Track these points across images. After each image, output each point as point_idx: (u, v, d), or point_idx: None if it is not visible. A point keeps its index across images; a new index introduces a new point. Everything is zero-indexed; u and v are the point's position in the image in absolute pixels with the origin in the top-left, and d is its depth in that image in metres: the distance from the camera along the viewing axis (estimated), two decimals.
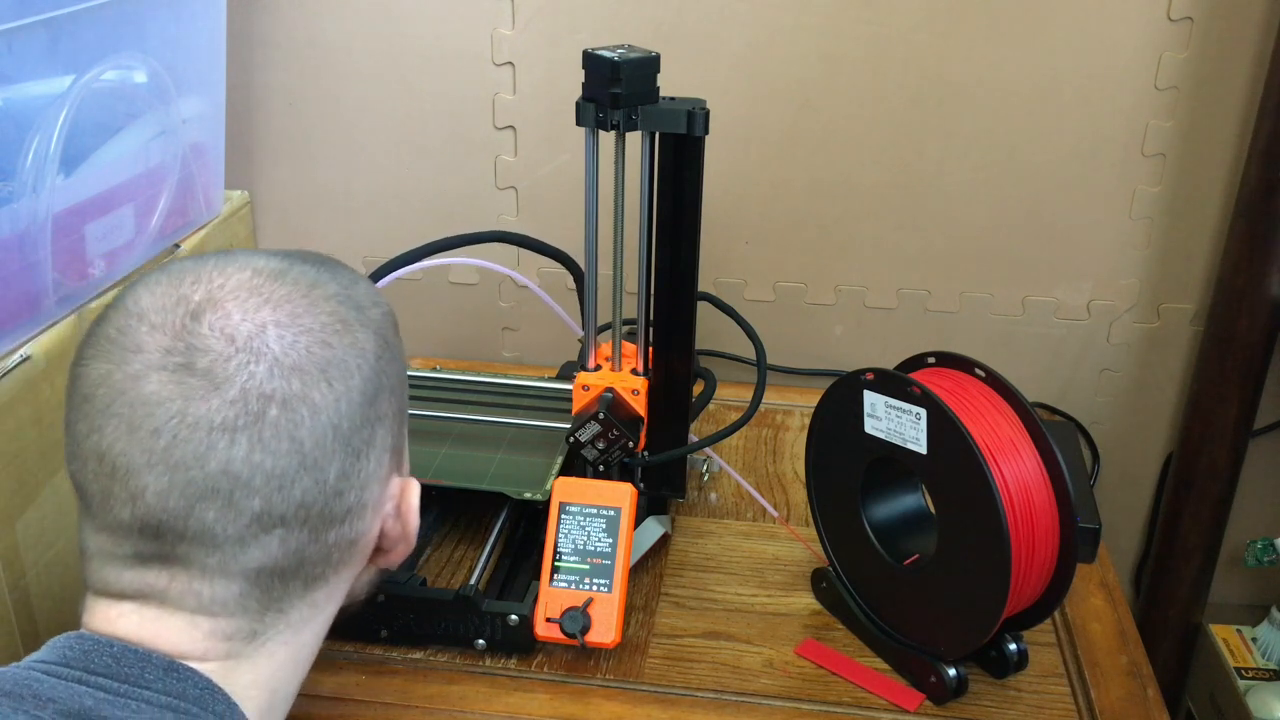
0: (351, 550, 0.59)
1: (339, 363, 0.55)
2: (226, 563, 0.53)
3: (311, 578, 0.57)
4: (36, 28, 0.83)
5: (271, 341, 0.53)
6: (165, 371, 0.52)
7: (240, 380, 0.52)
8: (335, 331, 0.56)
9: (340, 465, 0.55)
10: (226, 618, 0.55)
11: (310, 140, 1.21)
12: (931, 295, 1.21)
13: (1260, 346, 1.09)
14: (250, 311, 0.54)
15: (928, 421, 0.76)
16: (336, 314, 0.56)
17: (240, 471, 0.52)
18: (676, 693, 0.81)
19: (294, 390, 0.53)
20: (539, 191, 1.20)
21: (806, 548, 0.96)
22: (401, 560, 0.65)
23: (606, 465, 0.88)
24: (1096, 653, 0.87)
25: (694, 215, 0.84)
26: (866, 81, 1.12)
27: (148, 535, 0.52)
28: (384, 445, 0.59)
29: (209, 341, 0.52)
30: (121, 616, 0.54)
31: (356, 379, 0.56)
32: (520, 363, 1.29)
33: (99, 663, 0.52)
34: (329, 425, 0.54)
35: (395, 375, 0.60)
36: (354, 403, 0.55)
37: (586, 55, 0.79)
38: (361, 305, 0.58)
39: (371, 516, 0.59)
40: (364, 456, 0.57)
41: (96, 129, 0.94)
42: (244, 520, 0.53)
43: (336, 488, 0.55)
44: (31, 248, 0.86)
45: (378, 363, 0.57)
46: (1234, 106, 1.09)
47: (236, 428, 0.52)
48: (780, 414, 1.18)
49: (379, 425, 0.58)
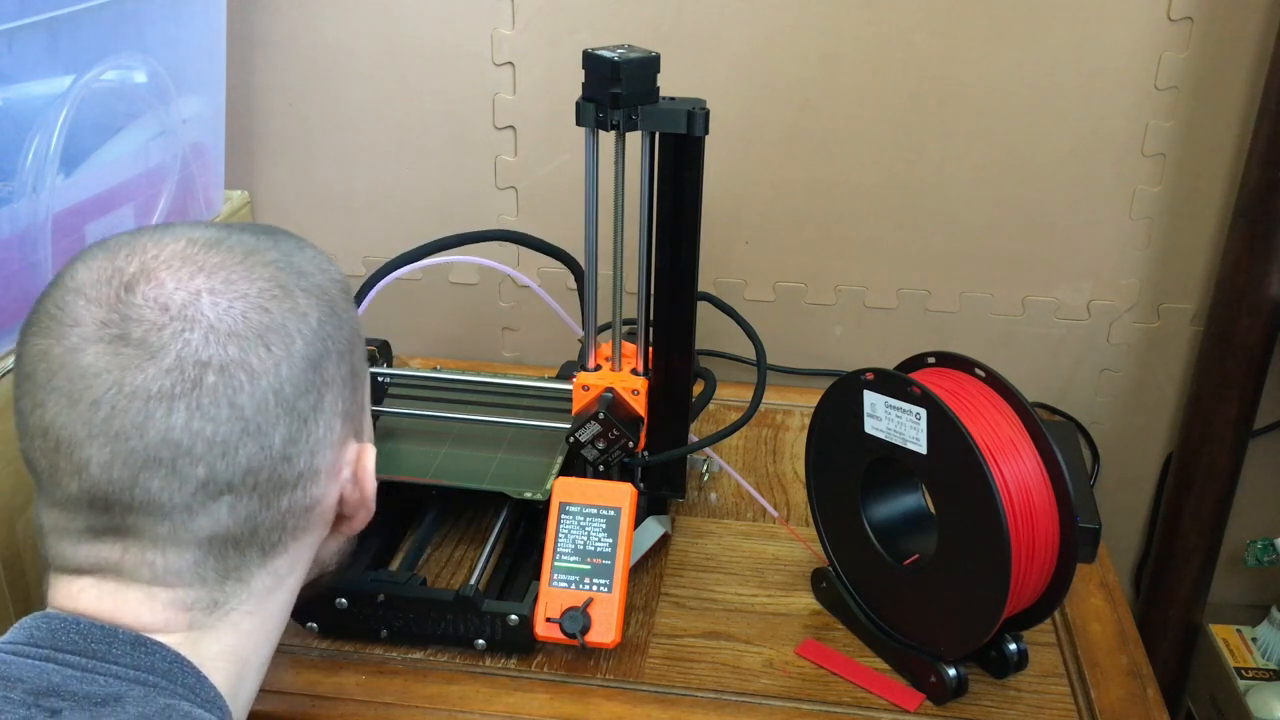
0: (308, 517, 0.59)
1: (277, 327, 0.55)
2: (177, 531, 0.54)
3: (269, 545, 0.57)
4: (36, 28, 0.83)
5: (206, 308, 0.53)
6: (102, 343, 0.52)
7: (175, 348, 0.52)
8: (273, 297, 0.55)
9: (286, 430, 0.55)
10: (184, 588, 0.55)
11: (310, 140, 1.21)
12: (931, 295, 1.21)
13: (1260, 346, 1.09)
14: (184, 280, 0.54)
15: (928, 421, 0.76)
16: (274, 279, 0.56)
17: (181, 439, 0.52)
18: (676, 693, 0.81)
19: (231, 356, 0.53)
20: (539, 191, 1.20)
21: (806, 548, 0.96)
22: (363, 526, 0.65)
23: (606, 465, 0.88)
24: (1096, 653, 0.87)
25: (694, 215, 0.84)
26: (866, 81, 1.12)
27: (97, 508, 0.53)
28: (334, 410, 0.58)
29: (143, 311, 0.53)
30: (82, 592, 0.54)
31: (298, 343, 0.56)
32: (520, 363, 1.29)
33: (66, 640, 0.52)
34: (269, 390, 0.54)
35: (344, 340, 0.59)
36: (296, 367, 0.55)
37: (586, 55, 0.79)
38: (303, 271, 0.58)
39: (327, 482, 0.59)
40: (311, 422, 0.57)
41: (96, 129, 0.94)
42: (190, 488, 0.53)
43: (284, 453, 0.55)
44: (31, 248, 0.86)
45: (321, 327, 0.57)
46: (1234, 106, 1.09)
47: (174, 395, 0.52)
48: (780, 414, 1.18)
49: (326, 390, 0.58)
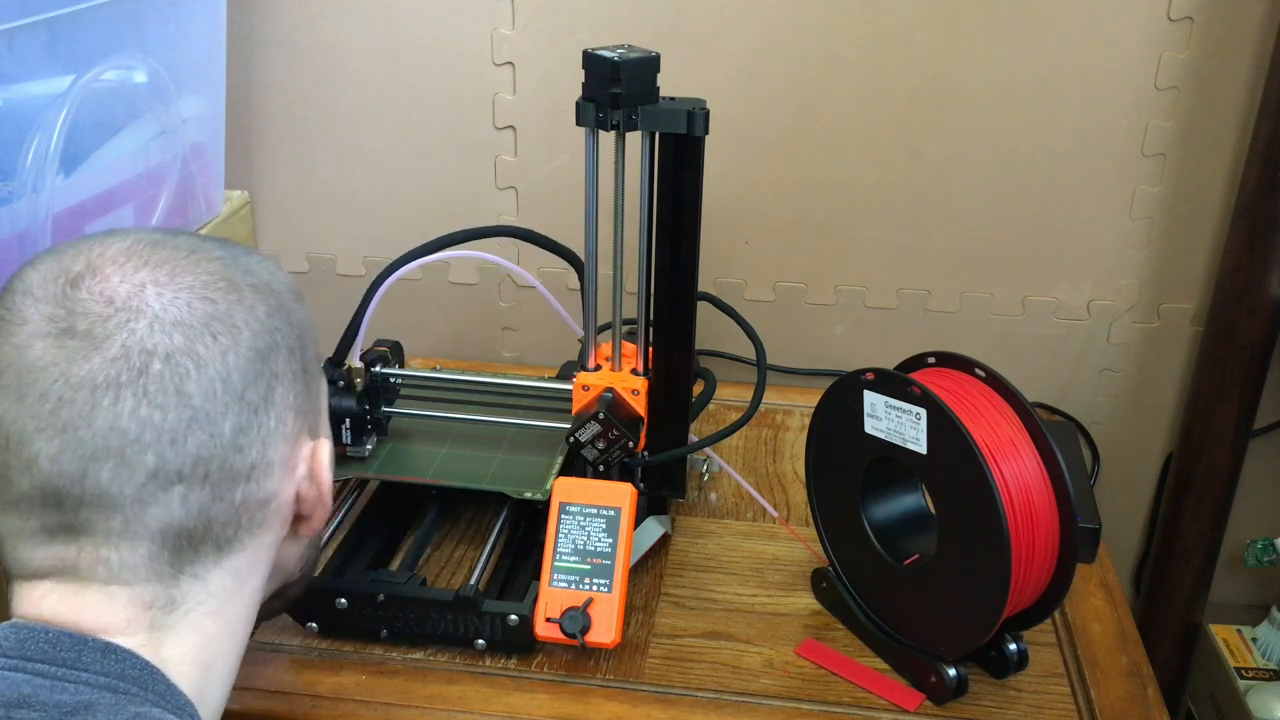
0: (263, 512, 0.58)
1: (223, 317, 0.55)
2: (129, 524, 0.53)
3: (224, 541, 0.57)
4: (36, 28, 0.83)
5: (151, 299, 0.54)
6: (49, 338, 0.52)
7: (120, 338, 0.52)
8: (218, 289, 0.56)
9: (236, 419, 0.55)
10: (140, 584, 0.54)
11: (310, 140, 1.21)
12: (931, 295, 1.21)
13: (1260, 346, 1.09)
14: (129, 274, 0.54)
15: (928, 421, 0.76)
16: (220, 274, 0.57)
17: (128, 427, 0.52)
18: (676, 693, 0.81)
19: (176, 344, 0.53)
20: (539, 191, 1.20)
21: (806, 548, 0.96)
22: (322, 525, 0.64)
23: (606, 465, 0.88)
24: (1096, 653, 0.87)
25: (694, 215, 0.84)
26: (866, 81, 1.12)
27: (49, 505, 0.53)
28: (285, 404, 0.58)
29: (88, 305, 0.53)
30: (44, 597, 0.54)
31: (245, 333, 0.56)
32: (520, 363, 1.29)
33: (35, 649, 0.52)
34: (217, 378, 0.54)
35: (293, 337, 0.60)
36: (243, 356, 0.56)
37: (586, 55, 0.79)
38: (249, 269, 0.59)
39: (281, 476, 0.59)
40: (262, 412, 0.57)
41: (96, 129, 0.94)
42: (140, 478, 0.53)
43: (235, 442, 0.55)
44: (31, 248, 0.86)
45: (269, 320, 0.58)
46: (1234, 106, 1.09)
47: (120, 384, 0.52)
48: (780, 414, 1.18)
49: (276, 383, 0.58)
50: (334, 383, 0.91)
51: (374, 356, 0.95)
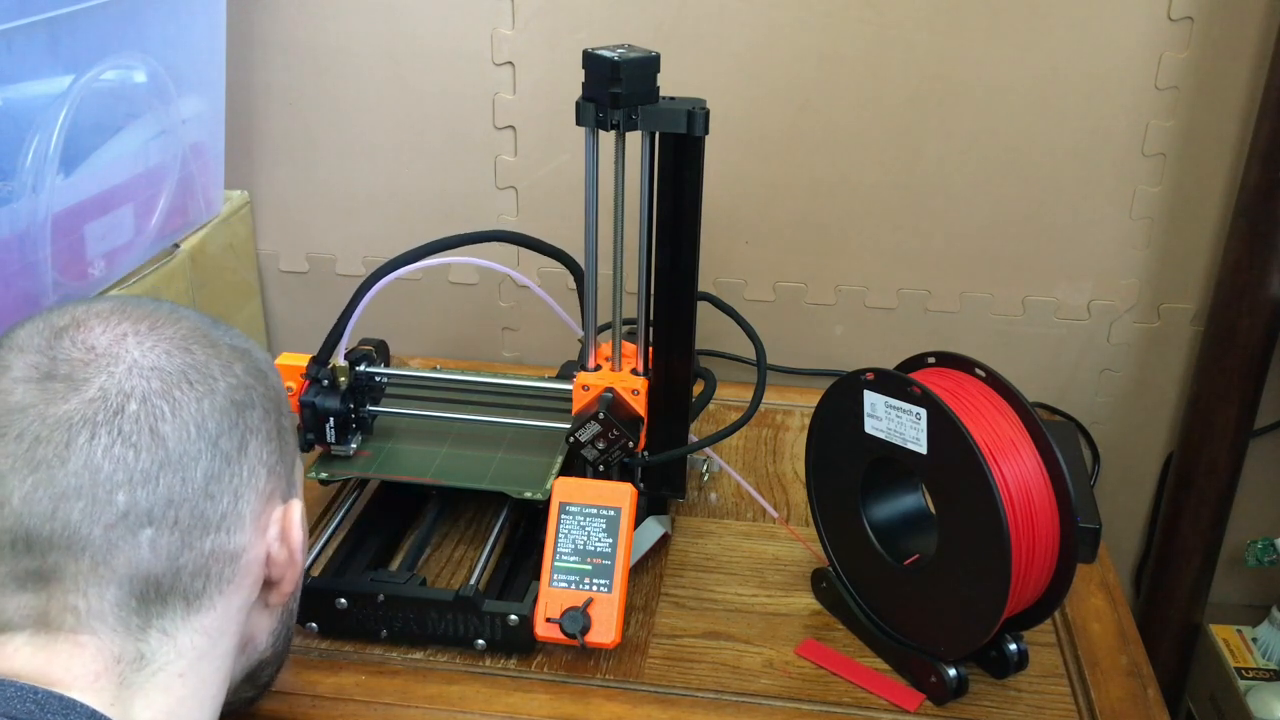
0: (233, 567, 0.58)
1: (200, 366, 0.57)
2: (98, 568, 0.53)
3: (193, 595, 0.56)
4: (36, 28, 0.83)
5: (131, 346, 0.55)
6: (30, 383, 0.54)
7: (99, 381, 0.54)
8: (196, 343, 0.58)
9: (208, 466, 0.56)
10: (108, 634, 0.54)
11: (310, 140, 1.21)
12: (931, 295, 1.21)
13: (1260, 346, 1.09)
14: (111, 325, 0.56)
15: (928, 421, 0.76)
16: (198, 329, 0.59)
17: (101, 465, 0.53)
18: (676, 693, 0.81)
19: (154, 387, 0.55)
20: (539, 191, 1.20)
21: (806, 548, 0.96)
22: (292, 591, 0.64)
23: (606, 465, 0.88)
24: (1096, 653, 0.87)
25: (694, 215, 0.84)
26: (866, 81, 1.12)
27: (20, 549, 0.52)
28: (259, 459, 0.59)
29: (70, 352, 0.55)
30: (17, 652, 0.53)
31: (221, 384, 0.57)
32: (520, 363, 1.29)
33: (21, 709, 0.51)
34: (192, 422, 0.55)
35: (269, 399, 0.61)
36: (218, 406, 0.57)
37: (586, 55, 0.79)
38: (229, 333, 0.61)
39: (252, 532, 0.59)
40: (235, 463, 0.57)
41: (96, 129, 0.94)
42: (109, 517, 0.53)
43: (206, 489, 0.56)
44: (31, 248, 0.86)
45: (245, 376, 0.59)
46: (1234, 106, 1.09)
47: (96, 423, 0.53)
48: (780, 414, 1.18)
49: (250, 437, 0.59)
50: (318, 381, 0.91)
51: (358, 355, 0.95)
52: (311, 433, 0.92)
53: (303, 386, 0.91)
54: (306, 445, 0.92)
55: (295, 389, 0.92)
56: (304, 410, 0.91)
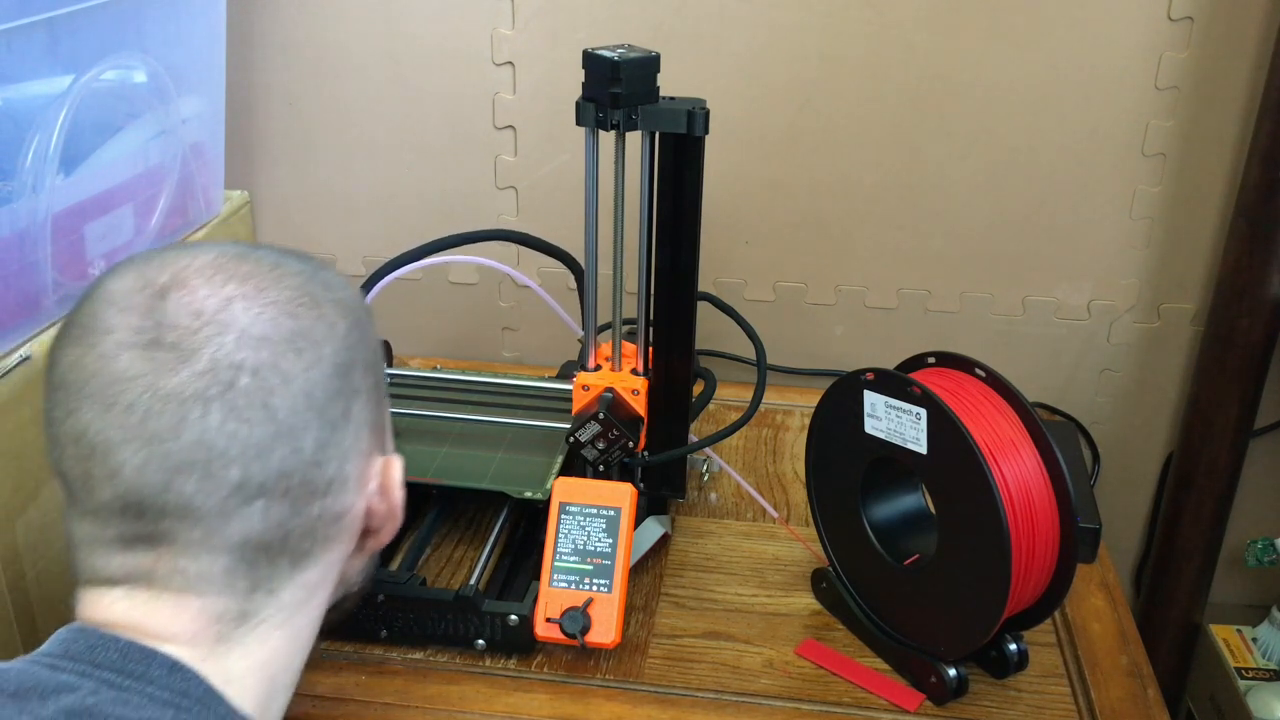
0: (337, 526, 0.59)
1: (306, 333, 0.56)
2: (210, 536, 0.53)
3: (299, 554, 0.57)
4: (36, 28, 0.83)
5: (238, 313, 0.54)
6: (135, 349, 0.53)
7: (209, 351, 0.53)
8: (301, 305, 0.56)
9: (317, 435, 0.56)
10: (214, 595, 0.54)
11: (310, 140, 1.21)
12: (931, 295, 1.21)
13: (1260, 346, 1.09)
14: (216, 287, 0.54)
15: (928, 421, 0.76)
16: (302, 289, 0.57)
17: (215, 441, 0.52)
18: (676, 693, 0.81)
19: (263, 359, 0.54)
20: (539, 191, 1.20)
21: (806, 548, 0.96)
22: (390, 539, 0.65)
23: (606, 465, 0.88)
24: (1096, 653, 0.87)
25: (694, 215, 0.84)
26: (866, 81, 1.12)
27: (130, 514, 0.53)
28: (362, 419, 0.59)
29: (176, 317, 0.53)
30: (114, 604, 0.54)
31: (327, 349, 0.56)
32: (520, 363, 1.29)
33: (104, 657, 0.52)
34: (301, 393, 0.55)
35: (369, 352, 0.61)
36: (325, 373, 0.56)
37: (586, 55, 0.79)
38: (329, 285, 0.59)
39: (355, 491, 0.59)
40: (341, 428, 0.57)
41: (96, 129, 0.94)
42: (224, 491, 0.53)
43: (315, 458, 0.56)
44: (31, 247, 0.86)
45: (348, 336, 0.58)
46: (1234, 106, 1.09)
47: (208, 397, 0.52)
48: (780, 414, 1.18)
49: (354, 398, 0.58)
50: None
51: None
52: None
53: None
54: None
55: None
56: None
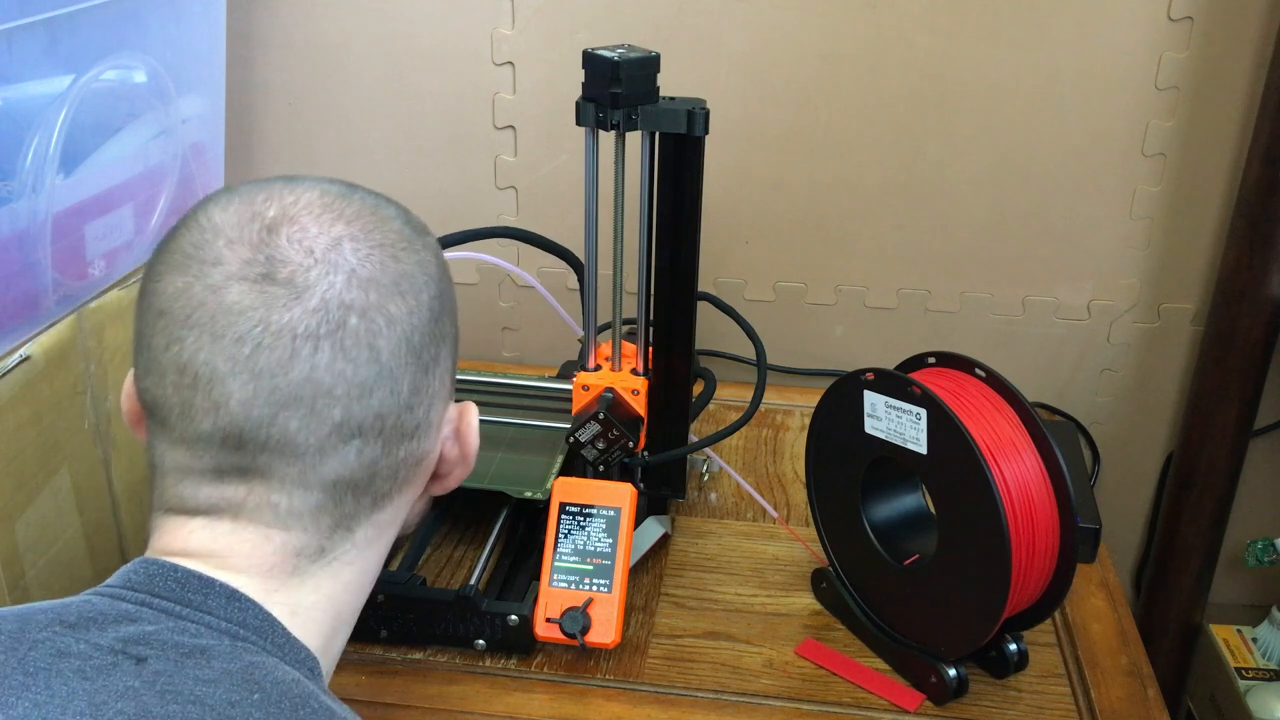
0: (418, 469, 0.60)
1: (409, 277, 0.57)
2: (306, 474, 0.54)
3: (380, 495, 0.58)
4: (36, 28, 0.83)
5: (348, 253, 0.54)
6: (246, 282, 0.53)
7: (321, 290, 0.53)
8: (403, 249, 0.57)
9: (412, 379, 0.56)
10: (300, 531, 0.55)
11: (310, 140, 1.21)
12: (931, 295, 1.21)
13: (1260, 346, 1.09)
14: (325, 225, 0.55)
15: (928, 421, 0.76)
16: (402, 233, 0.58)
17: (323, 379, 0.53)
18: (676, 693, 0.81)
19: (371, 301, 0.54)
20: (539, 191, 1.20)
21: (806, 548, 0.96)
22: (457, 485, 0.66)
23: (606, 465, 0.88)
24: (1096, 653, 0.87)
25: (694, 215, 0.84)
26: (866, 81, 1.12)
27: (229, 446, 0.53)
28: (447, 365, 0.60)
29: (288, 253, 0.53)
30: (193, 533, 0.54)
31: (425, 295, 0.57)
32: (520, 363, 1.29)
33: (163, 587, 0.52)
34: (403, 337, 0.55)
35: (453, 299, 0.62)
36: (424, 317, 0.57)
37: (586, 55, 0.79)
38: (420, 229, 0.60)
39: (435, 435, 0.60)
40: (431, 373, 0.58)
41: (96, 129, 0.94)
42: (325, 429, 0.53)
43: (409, 401, 0.56)
44: (31, 248, 0.86)
45: (440, 281, 0.59)
46: (1234, 106, 1.09)
47: (320, 335, 0.53)
48: (780, 414, 1.18)
49: (443, 344, 0.59)
50: None
51: None
52: None
53: None
54: None
55: None
56: None
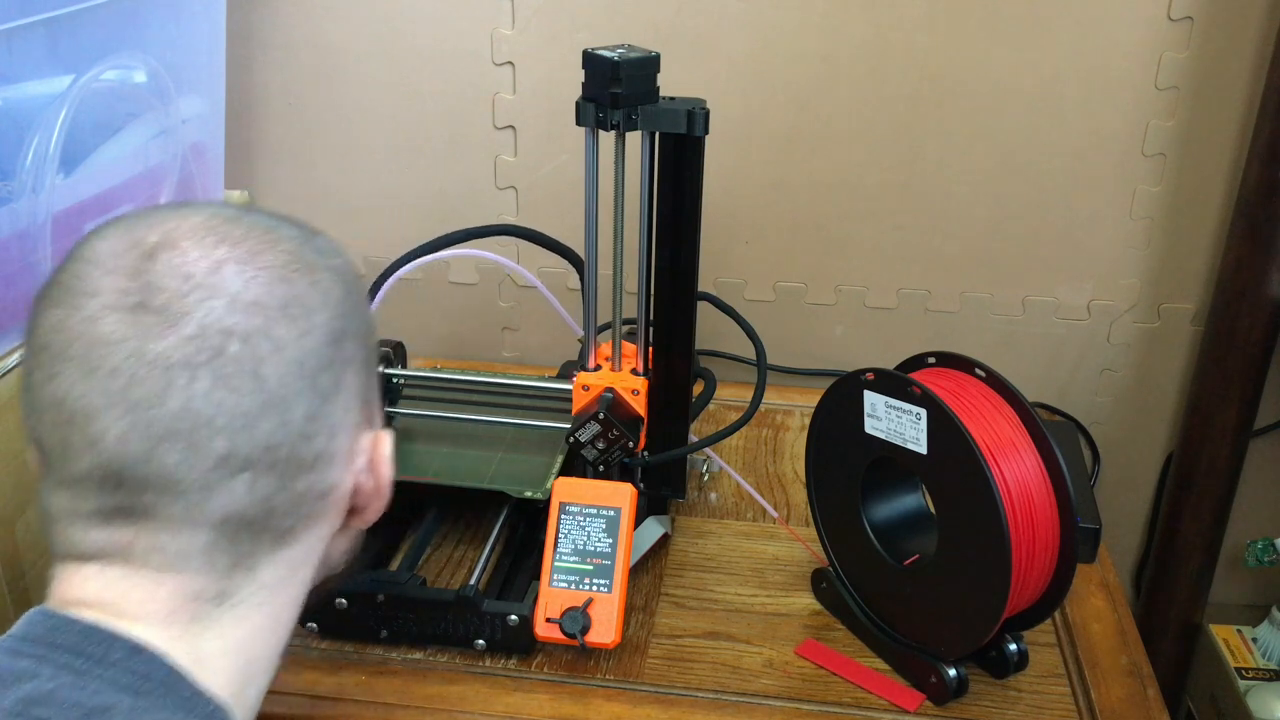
0: (323, 503, 0.56)
1: (300, 299, 0.53)
2: (191, 511, 0.51)
3: (282, 531, 0.55)
4: (36, 28, 0.83)
5: (230, 277, 0.52)
6: (121, 311, 0.50)
7: (198, 316, 0.50)
8: (295, 270, 0.54)
9: (307, 406, 0.53)
10: (192, 574, 0.52)
11: (310, 140, 1.21)
12: (931, 295, 1.21)
13: (1260, 346, 1.09)
14: (208, 249, 0.52)
15: (928, 421, 0.76)
16: (296, 254, 0.55)
17: (202, 409, 0.50)
18: (676, 693, 0.81)
19: (255, 325, 0.51)
20: (539, 191, 1.20)
21: (806, 548, 0.96)
22: (375, 518, 0.62)
23: (606, 465, 0.88)
24: (1096, 653, 0.87)
25: (694, 215, 0.84)
26: (866, 81, 1.12)
27: (109, 485, 0.51)
28: (353, 391, 0.57)
29: (164, 280, 0.51)
30: (87, 581, 0.52)
31: (320, 316, 0.54)
32: (520, 363, 1.29)
33: (63, 639, 0.50)
34: (293, 361, 0.53)
35: (362, 322, 0.58)
36: (318, 340, 0.54)
37: (586, 55, 0.79)
38: (322, 250, 0.57)
39: (343, 467, 0.57)
40: (331, 400, 0.55)
41: (96, 129, 0.94)
42: (208, 462, 0.51)
43: (304, 430, 0.53)
44: (31, 248, 0.86)
45: (342, 304, 0.56)
46: (1234, 106, 1.09)
47: (196, 364, 0.50)
48: (780, 414, 1.18)
49: (346, 369, 0.56)
50: None
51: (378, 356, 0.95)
52: None
53: None
54: None
55: None
56: None
